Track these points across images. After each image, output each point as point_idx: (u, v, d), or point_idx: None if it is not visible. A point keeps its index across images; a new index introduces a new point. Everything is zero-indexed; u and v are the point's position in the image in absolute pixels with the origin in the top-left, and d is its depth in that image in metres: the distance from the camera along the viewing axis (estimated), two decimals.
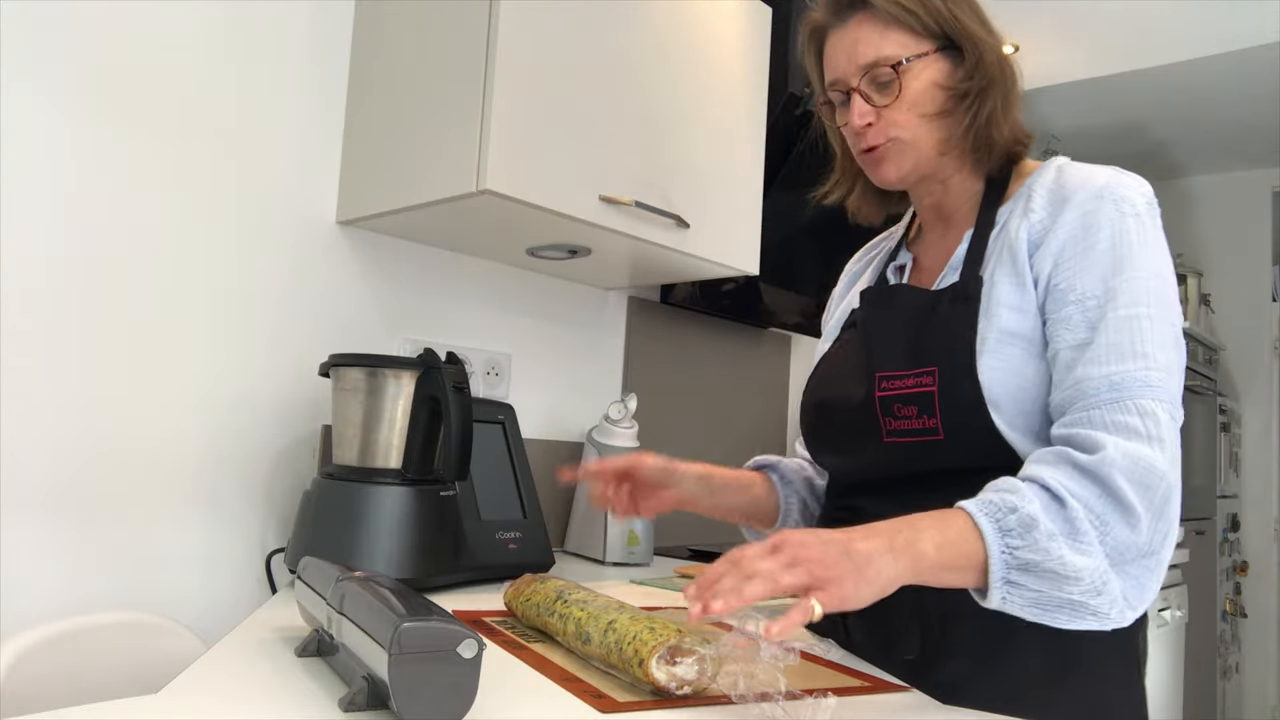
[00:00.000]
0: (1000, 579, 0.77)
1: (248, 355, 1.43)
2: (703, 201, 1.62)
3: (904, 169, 0.99)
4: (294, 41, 1.49)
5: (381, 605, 0.68)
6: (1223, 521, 3.86)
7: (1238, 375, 4.13)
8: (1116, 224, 0.88)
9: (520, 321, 1.84)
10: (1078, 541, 0.77)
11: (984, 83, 0.96)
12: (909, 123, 0.96)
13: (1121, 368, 0.82)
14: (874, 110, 0.97)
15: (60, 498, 1.24)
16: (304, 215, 1.50)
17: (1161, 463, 0.80)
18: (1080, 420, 0.83)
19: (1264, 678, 3.94)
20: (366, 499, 1.19)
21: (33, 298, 1.22)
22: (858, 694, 0.84)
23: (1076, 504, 0.77)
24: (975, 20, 0.97)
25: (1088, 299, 0.86)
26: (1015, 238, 0.92)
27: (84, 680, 1.09)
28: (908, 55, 0.95)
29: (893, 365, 0.95)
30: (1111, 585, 0.77)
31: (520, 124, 1.33)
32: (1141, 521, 0.78)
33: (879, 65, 0.96)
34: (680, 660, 0.76)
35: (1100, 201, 0.89)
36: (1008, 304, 0.91)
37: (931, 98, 0.96)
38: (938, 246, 1.05)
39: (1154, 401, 0.81)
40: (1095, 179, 0.91)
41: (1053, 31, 2.56)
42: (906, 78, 0.95)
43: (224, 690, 0.74)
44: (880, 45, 0.96)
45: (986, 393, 0.88)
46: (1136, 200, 0.90)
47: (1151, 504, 0.79)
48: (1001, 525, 0.77)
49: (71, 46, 1.25)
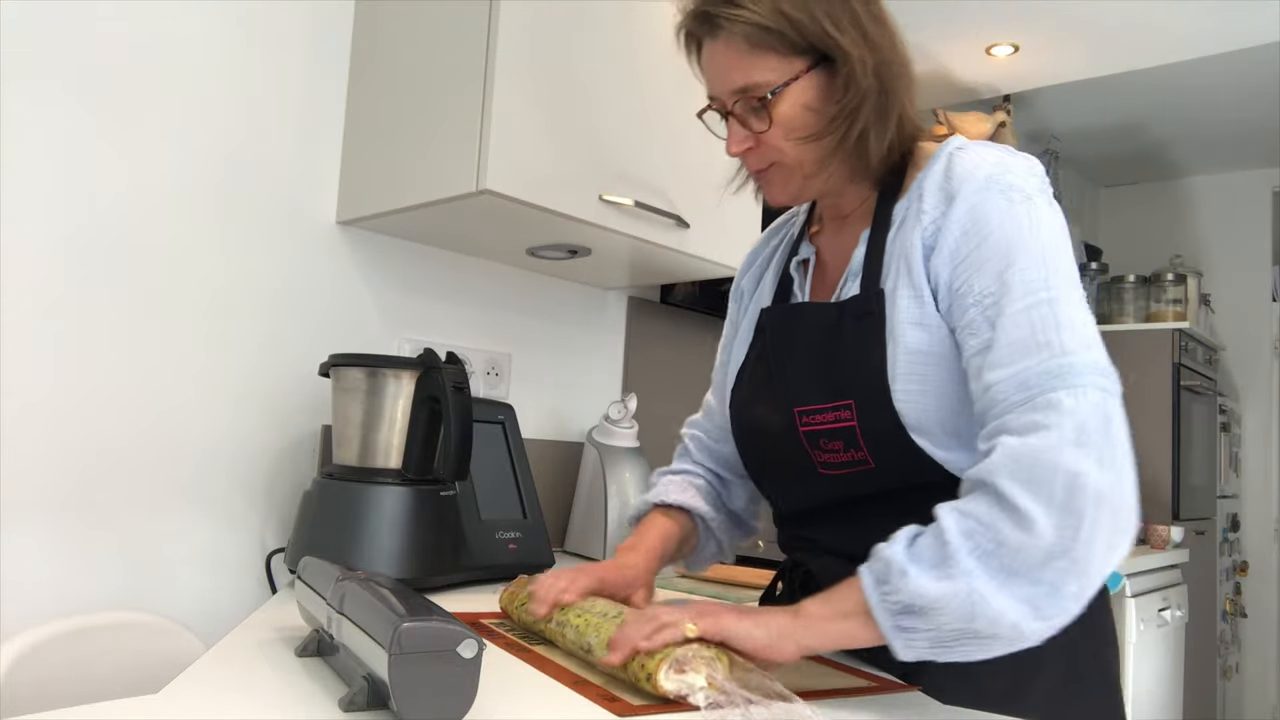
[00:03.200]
0: (889, 626, 0.74)
1: (248, 355, 1.43)
2: (703, 201, 1.62)
3: (792, 190, 0.95)
4: (294, 42, 1.49)
5: (381, 605, 0.68)
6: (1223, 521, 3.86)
7: (1238, 375, 4.13)
8: (1005, 214, 0.83)
9: (520, 321, 1.84)
10: (941, 568, 0.72)
11: (856, 100, 0.89)
12: (789, 148, 0.91)
13: (1025, 364, 0.77)
14: (751, 135, 0.92)
15: (60, 498, 1.24)
16: (304, 215, 1.50)
17: (1055, 453, 0.72)
18: (994, 430, 0.78)
19: (1264, 678, 3.94)
20: (366, 499, 1.19)
21: (33, 298, 1.22)
22: (859, 694, 0.84)
23: (953, 524, 0.73)
24: (852, 26, 0.89)
25: (985, 298, 0.82)
26: (910, 244, 0.88)
27: (84, 680, 1.09)
28: (775, 82, 0.88)
29: (809, 399, 0.92)
30: (987, 605, 0.71)
31: (520, 124, 1.33)
32: (1037, 522, 0.70)
33: (749, 91, 0.90)
34: (687, 669, 0.75)
35: (986, 193, 0.84)
36: (910, 320, 0.87)
37: (804, 122, 0.90)
38: (836, 243, 1.01)
39: (1062, 391, 0.75)
40: (979, 169, 0.86)
41: (1053, 31, 2.56)
42: (777, 104, 0.89)
43: (224, 690, 0.74)
44: (749, 71, 0.89)
45: (904, 419, 0.85)
46: (1026, 184, 0.85)
47: (1051, 499, 0.71)
48: (874, 573, 0.75)
49: (72, 47, 1.25)
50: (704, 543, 1.13)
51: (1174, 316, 3.49)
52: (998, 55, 2.71)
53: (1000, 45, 2.65)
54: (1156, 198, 4.32)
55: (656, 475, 1.19)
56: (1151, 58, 2.64)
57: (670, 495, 1.12)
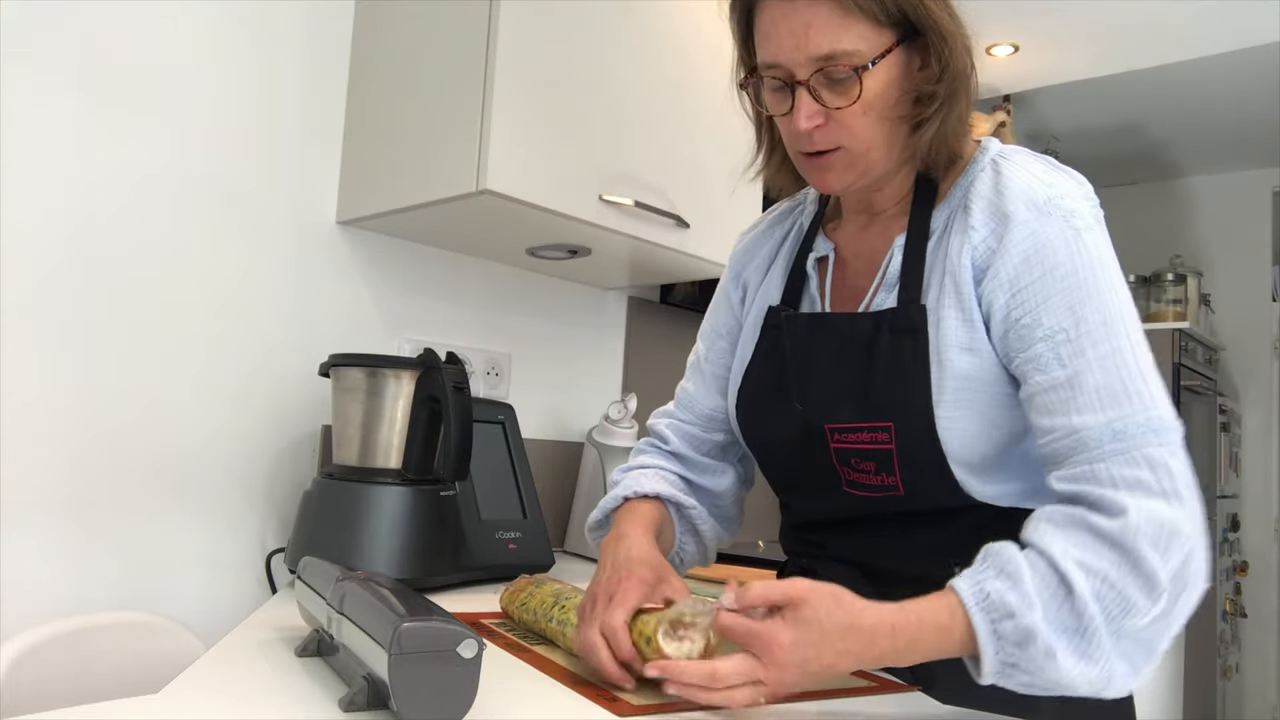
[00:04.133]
0: (993, 673, 0.73)
1: (248, 355, 1.43)
2: (703, 201, 1.62)
3: (849, 179, 0.87)
4: (294, 41, 1.49)
5: (381, 605, 0.68)
6: (1223, 521, 3.86)
7: (1238, 375, 4.13)
8: (1072, 244, 0.80)
9: (520, 321, 1.84)
10: (1083, 643, 0.71)
11: (953, 84, 0.84)
12: (863, 130, 0.84)
13: (1119, 413, 0.76)
14: (824, 111, 0.83)
15: (60, 498, 1.24)
16: (304, 215, 1.50)
17: (1185, 523, 0.73)
18: (1086, 475, 0.76)
19: (1264, 678, 3.94)
20: (366, 499, 1.19)
21: (33, 298, 1.22)
22: (859, 694, 0.84)
23: (1086, 588, 0.71)
24: (944, 8, 0.83)
25: (1056, 334, 0.79)
26: (958, 263, 0.84)
27: (84, 680, 1.09)
28: (868, 53, 0.81)
29: (842, 417, 0.88)
30: (1115, 681, 0.71)
31: (520, 124, 1.33)
32: (1165, 591, 0.71)
33: (835, 60, 0.81)
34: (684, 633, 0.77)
35: (1047, 219, 0.81)
36: (959, 344, 0.83)
37: (893, 101, 0.84)
38: (861, 240, 0.95)
39: (1162, 448, 0.75)
40: (1036, 190, 0.82)
41: (1053, 31, 2.56)
42: (863, 77, 0.81)
43: (224, 690, 0.74)
44: (839, 36, 0.80)
45: (945, 446, 0.83)
46: (1084, 210, 0.82)
47: (1170, 566, 0.72)
48: (997, 630, 0.71)
49: (72, 47, 1.25)
50: (681, 538, 1.05)
51: (1174, 316, 3.49)
52: (998, 55, 2.71)
53: (1000, 45, 2.65)
54: (1156, 198, 4.32)
55: (618, 473, 1.08)
56: (1151, 58, 2.64)
57: (644, 486, 1.02)
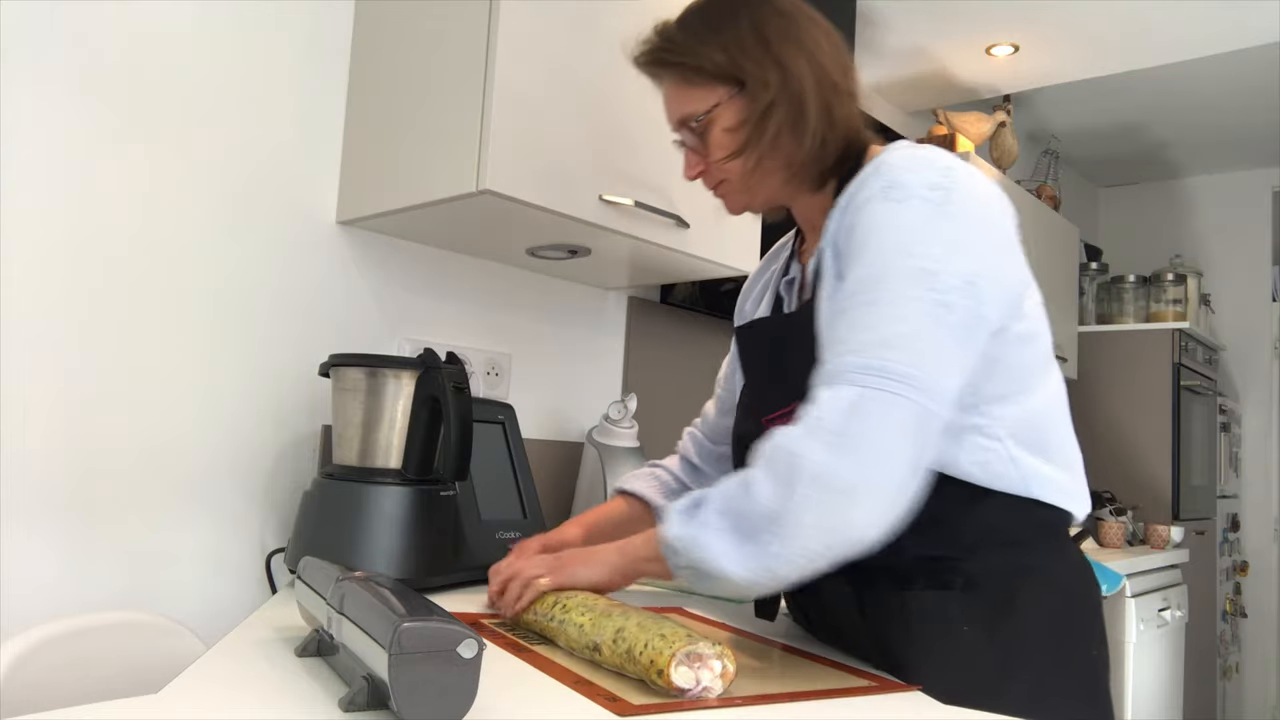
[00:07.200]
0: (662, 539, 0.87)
1: (248, 355, 1.43)
2: (703, 201, 1.61)
3: (743, 203, 1.04)
4: (294, 41, 1.49)
5: (381, 605, 0.68)
6: (1223, 521, 3.87)
7: (1238, 375, 4.13)
8: (878, 211, 0.86)
9: (520, 321, 1.84)
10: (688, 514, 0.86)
11: (763, 115, 0.95)
12: (731, 168, 0.99)
13: (824, 364, 0.83)
14: (701, 159, 1.02)
15: (60, 498, 1.24)
16: (304, 215, 1.50)
17: (786, 438, 0.80)
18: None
19: (1264, 678, 3.94)
20: (366, 499, 1.19)
21: (33, 297, 1.22)
22: (859, 694, 0.84)
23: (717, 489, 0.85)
24: (759, 50, 0.95)
25: (838, 295, 0.87)
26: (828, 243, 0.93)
27: (84, 680, 1.09)
28: (701, 111, 0.99)
29: (772, 406, 0.97)
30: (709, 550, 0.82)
31: (520, 124, 1.33)
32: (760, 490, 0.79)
33: (688, 120, 1.00)
34: (697, 665, 0.77)
35: (871, 191, 0.88)
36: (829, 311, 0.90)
37: (725, 143, 0.98)
38: (810, 257, 1.04)
39: (824, 388, 0.81)
40: (879, 171, 0.89)
41: (1053, 31, 2.56)
42: (706, 130, 0.99)
43: (224, 690, 0.74)
44: (684, 104, 1.01)
45: None
46: (911, 183, 0.86)
47: (775, 474, 0.79)
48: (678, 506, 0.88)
49: (72, 47, 1.25)
50: None
51: (1174, 316, 3.49)
52: (998, 55, 2.71)
53: (1000, 45, 2.65)
54: (1156, 198, 4.32)
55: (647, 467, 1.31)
56: (1151, 58, 2.64)
57: (629, 484, 1.25)
